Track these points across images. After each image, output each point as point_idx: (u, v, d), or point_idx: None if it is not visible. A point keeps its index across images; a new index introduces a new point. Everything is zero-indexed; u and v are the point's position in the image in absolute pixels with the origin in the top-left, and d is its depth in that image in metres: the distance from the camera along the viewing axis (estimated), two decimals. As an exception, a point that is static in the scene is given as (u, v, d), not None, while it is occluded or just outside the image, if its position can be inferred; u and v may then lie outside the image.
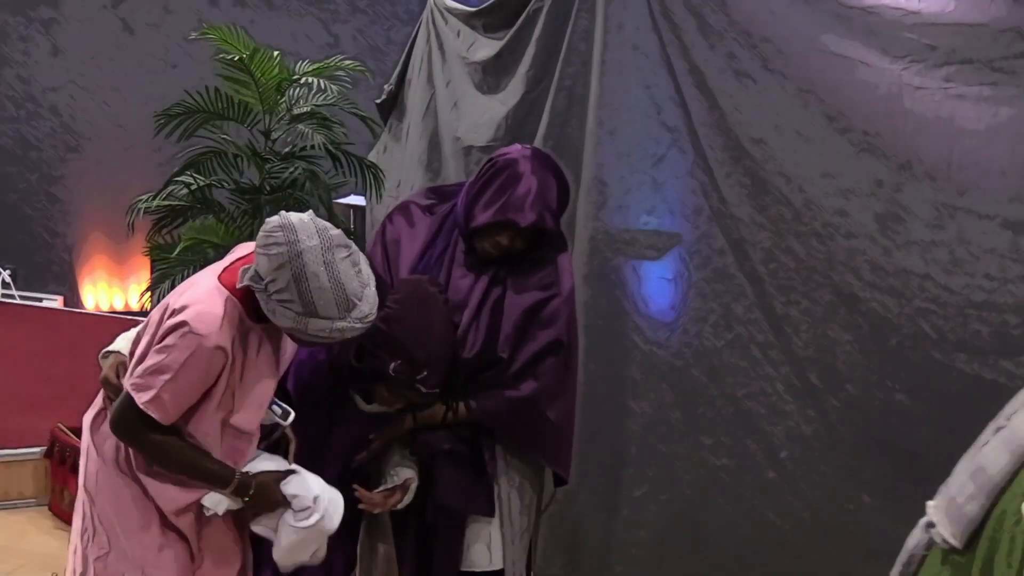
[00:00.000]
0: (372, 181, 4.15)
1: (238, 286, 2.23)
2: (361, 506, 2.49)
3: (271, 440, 2.47)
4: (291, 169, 4.05)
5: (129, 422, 2.26)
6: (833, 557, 3.17)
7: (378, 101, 5.08)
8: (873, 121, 3.01)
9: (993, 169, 2.81)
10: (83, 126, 8.15)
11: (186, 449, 2.29)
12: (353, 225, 5.52)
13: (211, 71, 4.01)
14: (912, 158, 2.95)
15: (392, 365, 2.37)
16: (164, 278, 4.07)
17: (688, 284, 3.43)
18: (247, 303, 2.25)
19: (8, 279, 7.32)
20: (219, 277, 2.30)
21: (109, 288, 8.57)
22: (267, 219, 2.21)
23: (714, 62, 3.33)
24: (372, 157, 4.73)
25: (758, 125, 3.26)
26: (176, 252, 3.97)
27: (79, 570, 2.43)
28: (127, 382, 2.26)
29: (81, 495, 2.46)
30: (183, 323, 2.18)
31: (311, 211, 2.31)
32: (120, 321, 5.91)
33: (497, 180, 2.62)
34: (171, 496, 2.32)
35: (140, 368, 2.23)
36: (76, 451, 4.72)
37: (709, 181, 3.36)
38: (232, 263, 2.34)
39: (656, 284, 3.40)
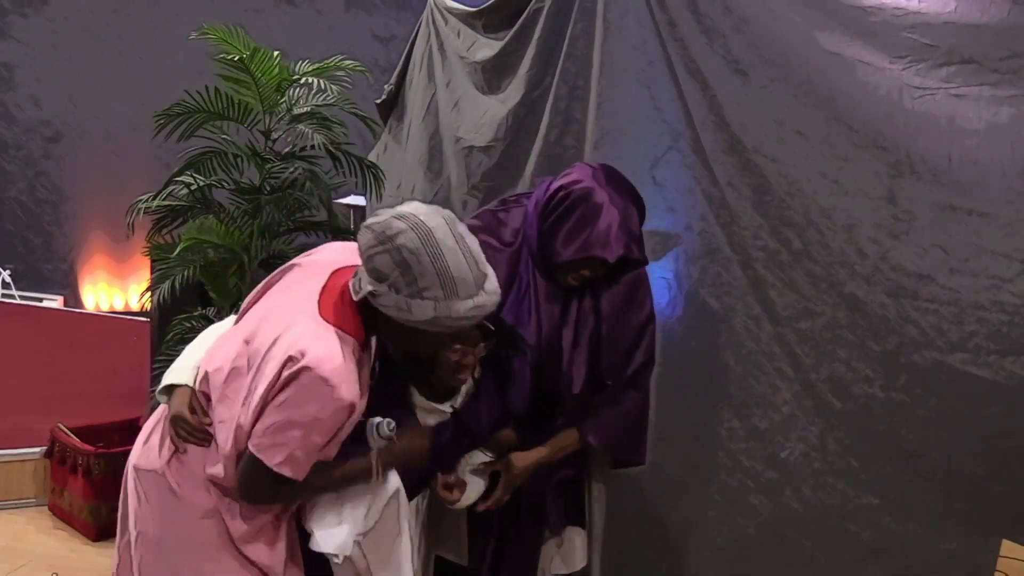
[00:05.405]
0: (372, 181, 4.15)
1: (355, 299, 2.08)
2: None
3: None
4: (291, 169, 4.04)
5: (262, 484, 2.12)
6: (833, 557, 3.16)
7: (378, 101, 5.07)
8: (873, 121, 3.01)
9: (993, 169, 2.80)
10: (83, 125, 8.12)
11: (319, 475, 2.14)
12: (353, 225, 5.52)
13: (211, 71, 4.01)
14: (912, 158, 2.94)
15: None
16: (164, 278, 4.08)
17: (688, 284, 3.43)
18: (353, 326, 2.09)
19: (8, 279, 7.30)
20: (319, 313, 2.10)
21: (109, 288, 8.54)
22: (366, 226, 2.06)
23: (714, 62, 3.33)
24: (372, 157, 4.73)
25: (758, 125, 3.26)
26: (176, 252, 3.97)
27: None
28: (251, 444, 2.08)
29: (132, 537, 2.32)
30: (305, 371, 2.00)
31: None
32: (120, 321, 5.91)
33: (575, 213, 2.51)
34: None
35: (262, 427, 2.05)
36: (76, 451, 4.73)
37: (709, 181, 3.36)
38: (320, 294, 2.15)
39: (656, 284, 3.39)
